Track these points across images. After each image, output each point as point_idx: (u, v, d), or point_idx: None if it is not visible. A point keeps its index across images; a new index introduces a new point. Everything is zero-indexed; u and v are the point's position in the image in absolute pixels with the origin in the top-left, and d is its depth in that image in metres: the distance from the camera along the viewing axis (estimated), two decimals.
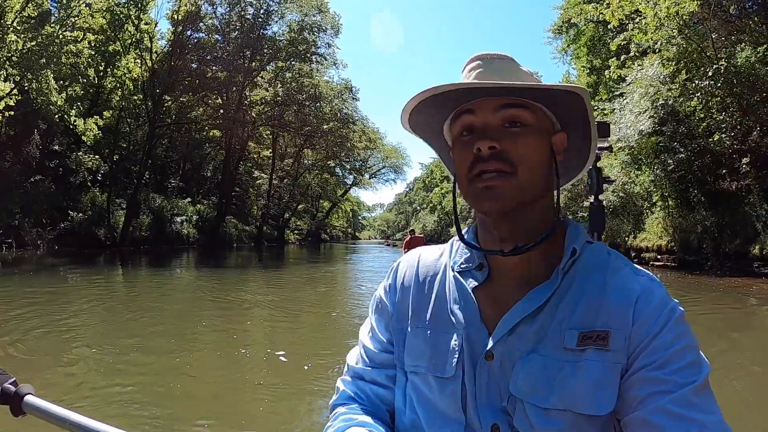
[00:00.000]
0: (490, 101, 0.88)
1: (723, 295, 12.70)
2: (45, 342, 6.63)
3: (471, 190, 0.88)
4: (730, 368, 5.99)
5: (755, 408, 4.83)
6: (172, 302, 11.05)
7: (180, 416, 4.24)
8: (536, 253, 0.89)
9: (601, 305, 0.84)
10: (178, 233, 33.63)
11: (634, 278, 0.86)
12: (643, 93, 18.35)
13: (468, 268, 0.95)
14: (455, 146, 0.93)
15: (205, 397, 4.76)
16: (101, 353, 6.12)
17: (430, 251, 1.05)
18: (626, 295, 0.83)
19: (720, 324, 9.28)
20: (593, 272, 0.88)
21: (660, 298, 0.83)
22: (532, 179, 0.87)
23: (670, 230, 19.64)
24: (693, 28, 16.83)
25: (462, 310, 0.91)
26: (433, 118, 0.97)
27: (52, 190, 26.33)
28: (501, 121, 0.87)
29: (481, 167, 0.85)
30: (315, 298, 12.62)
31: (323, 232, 73.03)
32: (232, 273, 18.62)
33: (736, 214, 16.99)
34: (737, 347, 7.35)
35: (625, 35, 17.66)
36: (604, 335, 0.81)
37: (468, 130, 0.90)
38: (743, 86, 15.91)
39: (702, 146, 17.99)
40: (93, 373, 5.31)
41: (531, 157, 0.87)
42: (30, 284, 12.97)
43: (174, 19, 30.39)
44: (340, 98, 50.18)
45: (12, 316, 8.20)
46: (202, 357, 6.15)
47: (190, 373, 5.39)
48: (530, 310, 0.85)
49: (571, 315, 0.84)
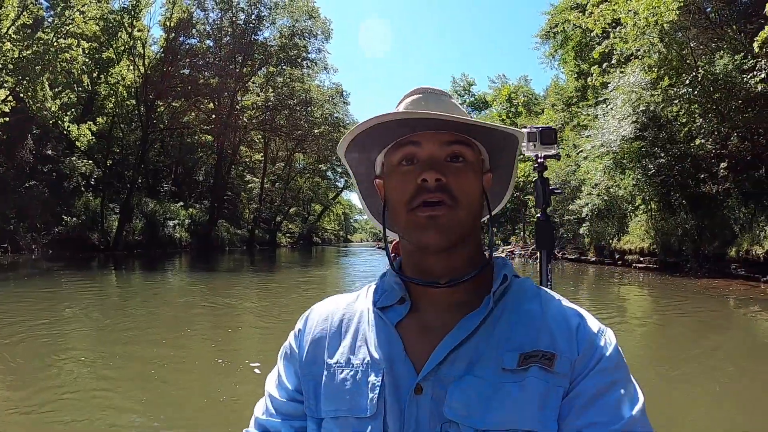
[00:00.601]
0: (437, 135, 0.89)
1: (702, 296, 13.06)
2: (34, 346, 6.79)
3: (411, 220, 0.87)
4: (708, 369, 6.33)
5: (733, 406, 5.13)
6: (162, 307, 11.14)
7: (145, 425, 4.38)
8: (465, 283, 0.90)
9: (541, 328, 0.85)
10: (171, 237, 33.86)
11: (568, 308, 0.89)
12: (626, 99, 18.87)
13: (388, 304, 0.94)
14: (392, 175, 0.92)
15: (168, 407, 4.77)
16: (86, 360, 6.30)
17: (344, 296, 1.03)
18: (566, 321, 0.86)
19: (700, 326, 9.65)
20: (525, 300, 0.90)
21: (598, 327, 0.86)
22: (471, 214, 0.89)
23: (652, 233, 20.17)
24: (673, 36, 17.32)
25: (384, 346, 0.88)
26: (368, 145, 0.97)
27: (46, 195, 26.58)
28: (445, 155, 0.89)
29: (425, 197, 0.86)
30: (304, 305, 12.63)
31: (315, 236, 73.11)
32: (223, 277, 18.79)
33: (715, 217, 17.51)
34: (717, 348, 7.66)
35: (606, 44, 18.18)
36: (550, 356, 0.81)
37: (409, 160, 0.90)
38: (721, 93, 16.45)
39: (683, 151, 18.54)
40: (75, 379, 5.49)
41: (470, 193, 0.89)
42: (25, 288, 13.29)
43: (166, 25, 30.72)
44: (331, 102, 50.61)
45: (6, 322, 8.42)
46: (181, 365, 6.17)
47: (164, 381, 5.50)
48: (462, 338, 0.84)
49: (508, 337, 0.85)
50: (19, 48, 17.80)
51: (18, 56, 17.89)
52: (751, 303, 11.89)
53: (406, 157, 0.90)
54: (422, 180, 0.86)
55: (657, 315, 11.25)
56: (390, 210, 0.93)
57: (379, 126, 0.89)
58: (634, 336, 8.97)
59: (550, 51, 39.52)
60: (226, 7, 37.28)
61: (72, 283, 14.93)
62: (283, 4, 39.83)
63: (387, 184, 0.94)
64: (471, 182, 0.90)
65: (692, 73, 15.50)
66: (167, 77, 29.88)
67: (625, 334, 8.94)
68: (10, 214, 23.90)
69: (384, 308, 0.94)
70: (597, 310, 11.77)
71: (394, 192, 0.91)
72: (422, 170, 0.86)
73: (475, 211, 0.91)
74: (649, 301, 13.72)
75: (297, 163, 55.84)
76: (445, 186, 0.86)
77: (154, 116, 30.49)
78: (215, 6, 37.21)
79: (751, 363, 6.77)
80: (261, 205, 48.35)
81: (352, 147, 0.96)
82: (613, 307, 12.40)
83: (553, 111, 38.25)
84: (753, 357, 7.18)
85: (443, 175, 0.86)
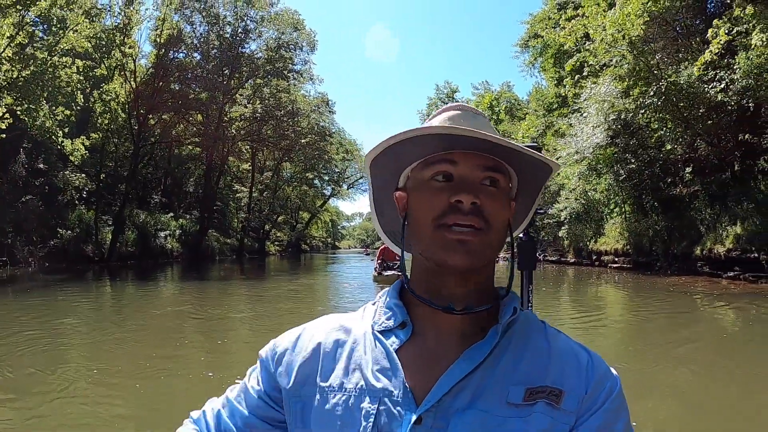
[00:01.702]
0: (476, 158, 0.86)
1: (671, 294, 13.93)
2: (33, 359, 7.00)
3: (438, 239, 0.84)
4: (680, 360, 6.96)
5: (701, 392, 5.70)
6: (156, 319, 11.20)
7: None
8: (477, 312, 0.87)
9: (549, 364, 0.83)
10: (163, 248, 34.13)
11: (576, 345, 0.88)
12: (598, 108, 19.90)
13: (389, 327, 0.90)
14: (420, 190, 0.88)
15: (157, 420, 4.84)
16: (80, 374, 6.41)
17: (340, 317, 0.99)
18: (575, 359, 0.84)
19: (669, 321, 10.38)
20: (532, 334, 0.88)
21: (606, 368, 0.85)
22: (499, 240, 0.87)
23: (625, 234, 21.25)
24: (641, 48, 18.33)
25: (383, 372, 0.84)
26: (399, 156, 0.92)
27: (41, 209, 27.07)
28: (482, 178, 0.86)
29: (456, 219, 0.83)
30: (294, 315, 11.69)
31: (303, 243, 73.46)
32: (214, 287, 18.93)
33: (683, 218, 18.58)
34: (686, 341, 8.32)
35: (578, 57, 19.19)
36: (557, 392, 0.80)
37: (444, 177, 0.86)
38: (685, 102, 17.49)
39: (652, 156, 19.62)
40: (70, 394, 5.58)
41: (501, 219, 0.87)
42: (27, 301, 13.58)
43: (156, 42, 31.45)
44: (317, 112, 51.34)
45: (9, 332, 8.82)
46: (172, 380, 6.18)
47: (155, 394, 5.60)
48: (468, 370, 0.81)
49: (514, 371, 0.82)
50: (18, 68, 18.43)
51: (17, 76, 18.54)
52: (715, 299, 12.77)
53: (442, 173, 0.87)
54: (457, 200, 0.83)
55: (630, 313, 12.01)
56: (412, 225, 0.89)
57: (414, 138, 0.86)
58: (610, 331, 9.67)
59: (529, 59, 40.48)
60: (213, 21, 38.02)
61: (69, 295, 15.04)
62: (269, 17, 40.65)
63: (412, 199, 0.90)
64: (502, 209, 0.87)
65: (656, 84, 16.48)
66: (159, 93, 30.57)
67: (602, 330, 9.71)
68: (8, 228, 24.42)
69: (383, 331, 0.89)
70: (578, 310, 12.64)
71: (421, 207, 0.87)
72: (458, 191, 0.84)
73: (502, 238, 0.88)
74: (623, 300, 14.59)
75: (285, 171, 56.35)
76: (479, 209, 0.83)
77: (146, 130, 31.11)
78: (202, 20, 37.98)
79: (718, 356, 7.44)
80: (250, 214, 48.55)
81: (379, 156, 0.92)
82: (591, 306, 13.19)
83: (535, 117, 39.16)
84: (719, 349, 7.88)
85: (478, 198, 0.83)
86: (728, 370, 6.62)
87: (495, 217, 0.85)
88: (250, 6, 39.47)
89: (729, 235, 15.57)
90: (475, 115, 0.93)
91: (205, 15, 37.67)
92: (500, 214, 0.86)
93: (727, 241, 15.56)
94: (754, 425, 4.83)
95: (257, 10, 39.87)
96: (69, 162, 28.59)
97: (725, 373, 6.50)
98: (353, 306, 9.43)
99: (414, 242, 0.90)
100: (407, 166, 0.94)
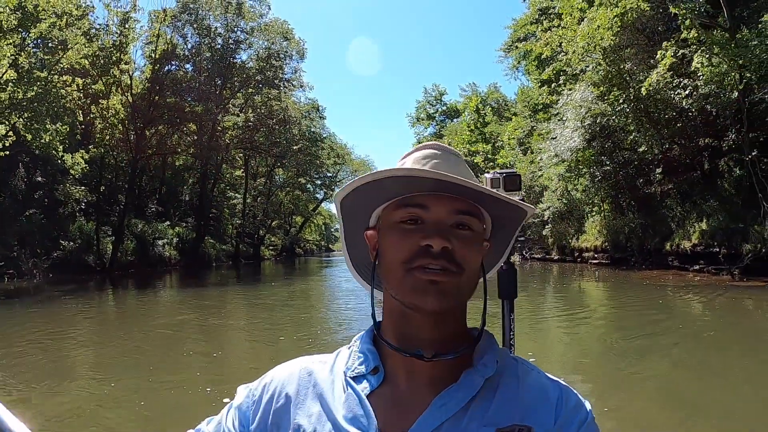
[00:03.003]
0: (447, 201, 0.85)
1: (643, 287, 15.02)
2: (40, 369, 7.24)
3: (410, 281, 0.82)
4: (654, 348, 7.56)
5: (672, 378, 6.17)
6: (156, 329, 11.35)
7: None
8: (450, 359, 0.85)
9: (516, 401, 0.82)
10: (161, 256, 34.79)
11: (547, 380, 0.87)
12: (575, 113, 21.00)
13: (362, 372, 0.88)
14: (390, 232, 0.87)
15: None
16: (83, 387, 6.57)
17: (314, 359, 0.96)
18: (544, 393, 0.84)
19: (645, 312, 11.18)
20: (503, 374, 0.87)
21: (576, 400, 0.84)
22: (471, 284, 0.86)
23: (604, 232, 22.41)
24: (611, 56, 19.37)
25: (355, 419, 0.82)
26: (369, 196, 0.90)
27: (43, 222, 27.88)
28: (453, 222, 0.85)
29: (426, 262, 0.81)
30: (291, 325, 11.70)
31: (297, 247, 74.24)
32: (212, 294, 19.23)
33: (656, 215, 19.73)
34: (659, 331, 8.93)
35: (554, 67, 20.28)
36: (526, 429, 0.79)
37: (413, 221, 0.85)
38: (654, 107, 18.60)
39: (627, 158, 20.75)
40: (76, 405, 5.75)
41: (473, 263, 0.86)
42: (36, 312, 14.09)
43: (152, 57, 32.36)
44: (308, 118, 52.27)
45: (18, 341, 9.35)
46: (171, 393, 6.22)
47: (153, 411, 5.61)
48: (442, 420, 0.80)
49: (484, 413, 0.81)
50: (23, 90, 19.29)
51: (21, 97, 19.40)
52: (683, 290, 13.81)
53: (411, 218, 0.85)
54: (427, 245, 0.82)
55: (605, 307, 12.94)
56: (383, 266, 0.88)
57: (391, 181, 0.84)
58: (589, 323, 10.45)
59: (513, 63, 41.37)
60: (205, 33, 38.87)
61: (74, 306, 15.43)
62: (258, 27, 41.54)
63: (383, 239, 0.89)
64: (474, 252, 0.86)
65: (626, 92, 17.55)
66: (155, 106, 31.50)
67: (582, 321, 10.53)
68: (13, 241, 25.28)
69: (356, 377, 0.88)
70: (562, 304, 13.41)
71: (392, 249, 0.86)
72: (428, 235, 0.82)
73: (474, 280, 0.87)
74: (601, 294, 15.59)
75: (277, 177, 57.09)
76: (449, 254, 0.82)
77: (143, 142, 31.98)
78: (194, 32, 38.82)
79: (689, 341, 8.18)
80: (244, 220, 49.08)
81: (350, 194, 0.89)
82: (573, 300, 14.11)
83: (521, 118, 40.13)
84: (687, 337, 8.55)
85: (449, 242, 0.82)
86: (698, 358, 7.22)
87: (466, 260, 0.84)
88: (240, 17, 40.35)
89: (695, 231, 16.72)
90: (449, 156, 0.91)
91: (196, 27, 38.52)
92: (472, 258, 0.85)
93: (693, 237, 16.70)
94: (718, 402, 5.29)
95: (247, 21, 40.77)
96: (68, 175, 29.32)
97: (696, 361, 7.09)
98: (349, 314, 10.29)
99: (385, 282, 0.89)
100: (379, 206, 0.92)
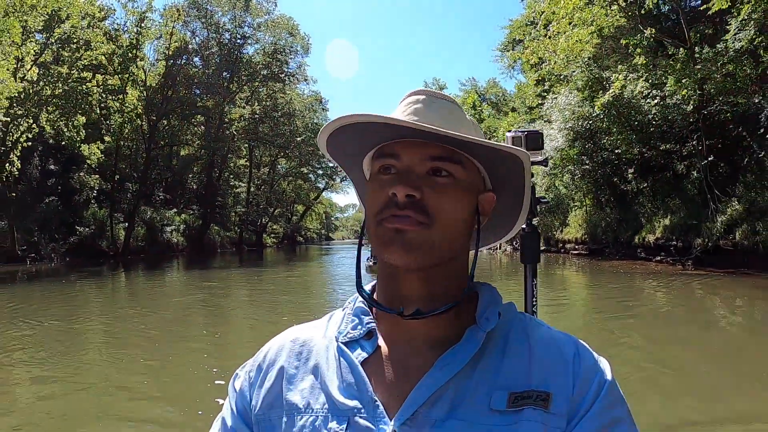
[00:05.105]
0: (419, 148, 0.78)
1: (615, 275, 16.65)
2: (53, 346, 7.76)
3: (378, 233, 0.77)
4: (627, 330, 8.41)
5: (638, 345, 7.07)
6: (164, 310, 11.83)
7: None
8: (440, 315, 0.77)
9: (531, 363, 0.75)
10: (169, 242, 36.50)
11: (559, 335, 0.80)
12: (558, 116, 22.67)
13: (355, 337, 0.82)
14: (372, 183, 0.82)
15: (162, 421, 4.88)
16: (95, 361, 6.97)
17: (305, 327, 0.90)
18: (559, 353, 0.76)
19: (617, 296, 12.38)
20: (511, 331, 0.80)
21: (594, 358, 0.77)
22: (448, 236, 0.77)
23: (584, 225, 24.23)
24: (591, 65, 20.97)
25: (348, 388, 0.77)
26: (354, 145, 0.85)
27: (60, 208, 29.64)
28: (427, 169, 0.77)
29: (393, 212, 0.75)
30: (295, 307, 12.15)
31: (298, 235, 75.75)
32: (218, 278, 20.25)
33: (630, 211, 21.52)
34: (630, 315, 9.94)
35: (539, 74, 21.92)
36: (545, 396, 0.72)
37: (388, 169, 0.79)
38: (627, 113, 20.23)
39: (605, 158, 22.46)
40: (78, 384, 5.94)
41: (451, 213, 0.77)
42: (59, 293, 15.24)
43: (165, 54, 34.06)
44: (311, 110, 53.82)
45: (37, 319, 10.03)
46: (180, 377, 6.24)
47: (160, 396, 5.62)
48: (444, 380, 0.73)
49: (495, 374, 0.74)
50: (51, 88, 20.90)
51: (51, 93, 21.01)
52: (649, 278, 15.44)
53: (385, 166, 0.79)
54: (392, 194, 0.75)
55: (585, 291, 14.53)
56: (366, 222, 0.83)
57: (366, 128, 0.78)
58: (571, 307, 11.66)
59: (509, 62, 42.56)
60: (213, 28, 40.42)
61: (94, 288, 16.66)
62: (265, 23, 43.07)
63: (367, 192, 0.82)
64: (455, 201, 0.77)
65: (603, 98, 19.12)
66: (168, 100, 33.23)
67: (564, 305, 11.76)
68: (33, 227, 27.14)
69: (349, 342, 0.82)
70: (548, 290, 14.43)
71: (369, 202, 0.80)
72: (395, 183, 0.76)
73: (456, 233, 0.78)
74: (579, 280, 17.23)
75: (280, 167, 58.47)
76: (417, 203, 0.75)
77: (156, 134, 33.71)
78: (203, 27, 40.40)
79: (653, 321, 9.21)
80: (248, 208, 50.52)
81: (343, 143, 0.84)
82: (557, 287, 15.33)
83: (517, 114, 41.13)
84: (652, 318, 9.54)
85: (418, 190, 0.75)
86: (658, 329, 8.36)
87: (441, 209, 0.76)
88: (247, 13, 41.83)
89: (660, 226, 18.49)
90: (438, 101, 0.82)
91: (205, 23, 40.04)
92: (450, 207, 0.77)
93: (657, 231, 18.49)
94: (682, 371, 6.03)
95: (254, 16, 42.25)
96: (81, 163, 30.95)
97: (657, 331, 8.22)
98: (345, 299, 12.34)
99: (370, 240, 0.83)
100: (363, 157, 0.88)
